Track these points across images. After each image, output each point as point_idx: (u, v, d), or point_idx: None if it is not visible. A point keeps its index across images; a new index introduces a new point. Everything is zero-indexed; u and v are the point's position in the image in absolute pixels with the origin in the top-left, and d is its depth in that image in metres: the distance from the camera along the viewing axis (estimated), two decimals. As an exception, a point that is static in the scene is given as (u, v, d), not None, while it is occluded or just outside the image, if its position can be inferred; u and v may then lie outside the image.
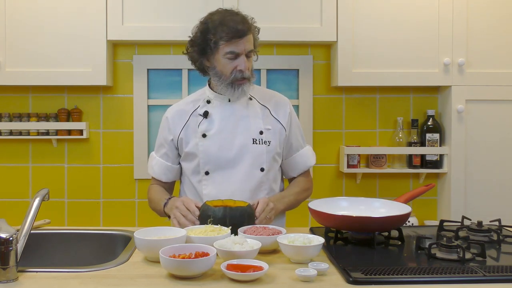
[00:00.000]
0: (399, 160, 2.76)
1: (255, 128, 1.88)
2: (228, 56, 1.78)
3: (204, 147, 1.86)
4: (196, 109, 1.91)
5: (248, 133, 1.87)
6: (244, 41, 1.77)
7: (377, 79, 2.60)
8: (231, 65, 1.79)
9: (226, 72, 1.80)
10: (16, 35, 2.52)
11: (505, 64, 2.62)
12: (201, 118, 1.88)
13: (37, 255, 1.71)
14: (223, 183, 1.85)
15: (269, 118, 1.92)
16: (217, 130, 1.86)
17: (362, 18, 2.59)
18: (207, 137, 1.86)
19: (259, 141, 1.87)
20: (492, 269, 1.30)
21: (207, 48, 1.81)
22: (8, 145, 2.76)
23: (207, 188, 1.86)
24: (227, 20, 1.77)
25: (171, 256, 1.27)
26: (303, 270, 1.24)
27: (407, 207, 1.63)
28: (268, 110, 1.94)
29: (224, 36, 1.75)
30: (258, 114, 1.91)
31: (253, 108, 1.91)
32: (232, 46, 1.77)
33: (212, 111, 1.88)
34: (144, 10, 2.54)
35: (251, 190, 1.86)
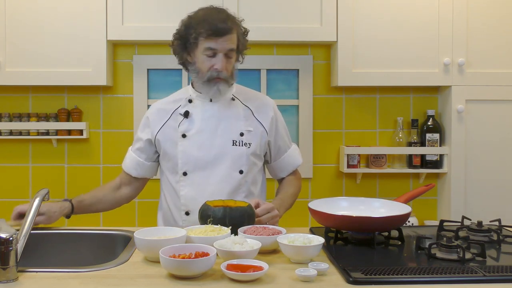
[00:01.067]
0: (399, 160, 2.76)
1: (236, 129, 1.86)
2: (207, 53, 1.76)
3: (183, 147, 1.84)
4: (177, 108, 1.89)
5: (228, 134, 1.85)
6: (224, 39, 1.74)
7: (377, 79, 2.60)
8: (209, 63, 1.77)
9: (203, 69, 1.79)
10: (16, 35, 2.52)
11: (505, 64, 2.62)
12: (182, 118, 1.87)
13: (37, 255, 1.71)
14: (201, 184, 1.83)
15: (251, 120, 1.90)
16: (197, 130, 1.84)
17: (362, 18, 2.59)
18: (186, 137, 1.84)
19: (239, 142, 1.85)
20: (492, 269, 1.30)
21: (188, 42, 1.79)
22: (8, 145, 2.76)
23: (185, 189, 1.85)
24: (210, 17, 1.75)
25: (171, 256, 1.27)
26: (303, 270, 1.24)
27: (407, 207, 1.63)
28: (250, 111, 1.91)
29: (204, 32, 1.73)
30: (240, 115, 1.89)
31: (235, 108, 1.89)
32: (211, 42, 1.74)
33: (193, 111, 1.87)
34: (144, 10, 2.54)
35: (229, 192, 1.84)
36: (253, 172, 1.90)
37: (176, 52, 1.86)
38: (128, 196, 2.03)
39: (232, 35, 1.77)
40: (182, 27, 1.82)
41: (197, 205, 1.77)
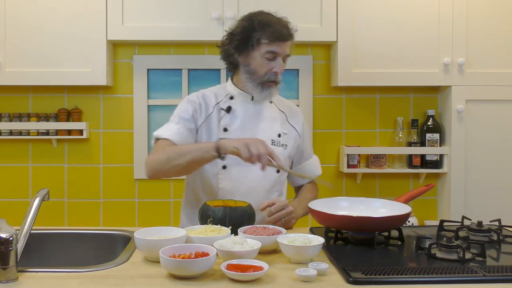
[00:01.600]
0: (399, 160, 2.76)
1: (275, 130, 1.92)
2: (267, 56, 1.81)
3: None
4: (218, 103, 1.91)
5: (268, 133, 1.89)
6: (286, 45, 1.82)
7: (377, 79, 2.60)
8: (268, 66, 1.82)
9: (260, 71, 1.83)
10: (16, 35, 2.52)
11: (505, 64, 2.62)
12: (223, 113, 1.89)
13: (37, 255, 1.71)
14: (239, 179, 1.86)
15: (285, 123, 1.97)
16: (239, 126, 1.88)
17: (362, 18, 2.59)
18: (228, 132, 1.87)
19: (277, 143, 1.91)
20: (492, 269, 1.30)
21: (247, 44, 1.82)
22: (8, 145, 2.76)
23: (223, 182, 1.86)
24: (274, 22, 1.81)
25: (171, 256, 1.27)
26: (303, 270, 1.24)
27: (407, 207, 1.63)
28: (285, 115, 1.98)
29: (270, 36, 1.78)
30: (277, 117, 1.95)
31: (272, 111, 1.95)
32: (274, 47, 1.80)
33: (235, 107, 1.90)
34: (144, 10, 2.54)
35: (266, 189, 1.88)
36: (285, 173, 1.95)
37: (229, 53, 1.88)
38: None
39: (291, 41, 1.85)
40: (241, 28, 1.84)
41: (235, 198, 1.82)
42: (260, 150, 1.58)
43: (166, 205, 2.79)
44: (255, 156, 1.58)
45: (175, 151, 1.73)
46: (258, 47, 1.81)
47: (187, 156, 1.69)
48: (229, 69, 1.95)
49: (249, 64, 1.84)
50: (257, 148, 1.58)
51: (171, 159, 1.71)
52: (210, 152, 1.66)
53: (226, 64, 1.93)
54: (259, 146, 1.59)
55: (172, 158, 1.71)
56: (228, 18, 2.50)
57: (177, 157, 1.70)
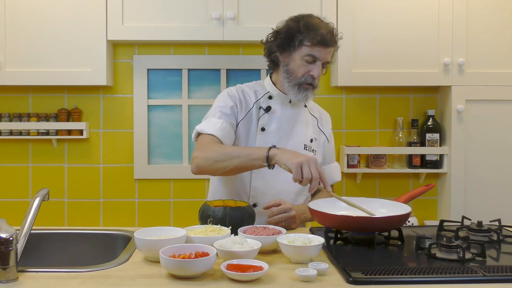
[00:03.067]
0: (399, 160, 2.76)
1: (307, 134, 1.93)
2: (307, 58, 1.80)
3: (261, 141, 1.86)
4: (258, 100, 1.91)
5: (302, 137, 1.90)
6: (327, 51, 1.82)
7: (377, 79, 2.60)
8: (306, 68, 1.81)
9: (298, 73, 1.82)
10: (16, 35, 2.52)
11: (505, 64, 2.62)
12: (262, 112, 1.89)
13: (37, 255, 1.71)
14: (271, 180, 1.86)
15: (316, 129, 1.99)
16: (276, 127, 1.88)
17: (362, 18, 2.59)
18: (265, 132, 1.87)
19: (309, 148, 1.92)
20: (492, 269, 1.30)
21: (289, 44, 1.82)
22: (8, 145, 2.76)
23: (256, 181, 1.86)
24: (319, 26, 1.81)
25: (171, 256, 1.27)
26: (303, 270, 1.24)
27: (407, 207, 1.63)
28: (316, 120, 2.00)
29: (312, 39, 1.78)
30: (310, 122, 1.97)
31: (306, 115, 1.97)
32: (315, 51, 1.79)
33: (274, 107, 1.90)
34: (144, 10, 2.54)
35: (296, 192, 1.89)
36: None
37: (272, 50, 1.88)
38: None
39: (333, 48, 1.84)
40: (286, 28, 1.85)
41: (265, 199, 1.83)
42: (311, 174, 1.56)
43: (166, 205, 2.79)
44: (306, 179, 1.56)
45: (224, 153, 1.71)
46: (300, 49, 1.80)
47: (235, 160, 1.68)
48: (270, 66, 1.95)
49: (289, 63, 1.84)
50: (309, 171, 1.56)
51: (219, 160, 1.70)
52: (259, 161, 1.65)
53: (268, 61, 1.93)
54: (311, 168, 1.56)
55: (221, 159, 1.70)
56: (228, 18, 2.50)
57: (225, 159, 1.69)
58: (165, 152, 2.78)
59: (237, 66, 2.77)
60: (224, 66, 2.76)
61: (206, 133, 1.80)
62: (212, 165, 1.71)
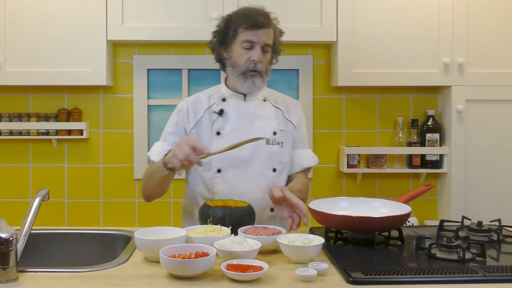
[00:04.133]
0: (399, 160, 2.76)
1: (269, 128, 1.90)
2: (245, 45, 1.80)
3: (217, 145, 1.84)
4: (211, 106, 1.91)
5: (262, 133, 1.87)
6: (262, 32, 1.80)
7: (377, 79, 2.60)
8: (246, 55, 1.81)
9: (240, 62, 1.82)
10: (16, 35, 2.52)
11: (505, 64, 2.62)
12: (216, 116, 1.89)
13: (37, 255, 1.71)
14: (235, 181, 1.85)
15: (282, 120, 1.95)
16: (232, 128, 1.87)
17: (362, 18, 2.59)
18: (221, 135, 1.86)
19: (272, 141, 1.89)
20: (492, 269, 1.30)
21: (226, 37, 1.84)
22: (8, 145, 2.76)
23: (219, 186, 1.85)
24: (250, 11, 1.82)
25: (171, 256, 1.27)
26: (303, 270, 1.24)
27: (407, 207, 1.63)
28: (281, 111, 1.96)
29: (243, 23, 1.79)
30: (272, 115, 1.93)
31: (267, 109, 1.94)
32: (249, 35, 1.79)
33: (227, 109, 1.89)
34: (144, 10, 2.54)
35: (263, 190, 1.86)
36: (285, 172, 1.93)
37: (214, 48, 1.91)
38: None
39: (270, 30, 1.83)
40: (221, 23, 1.88)
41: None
42: (184, 152, 1.55)
43: (166, 205, 2.79)
44: (184, 161, 1.56)
45: (145, 176, 1.83)
46: (236, 38, 1.82)
47: (152, 179, 1.77)
48: (221, 68, 1.95)
49: (231, 56, 1.85)
50: (182, 151, 1.56)
51: (146, 184, 1.83)
52: (162, 171, 1.67)
53: (216, 62, 1.94)
54: (183, 148, 1.56)
55: (146, 183, 1.83)
56: (228, 18, 2.49)
57: (148, 182, 1.81)
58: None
59: (237, 66, 2.77)
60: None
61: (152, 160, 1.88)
62: (146, 190, 1.84)
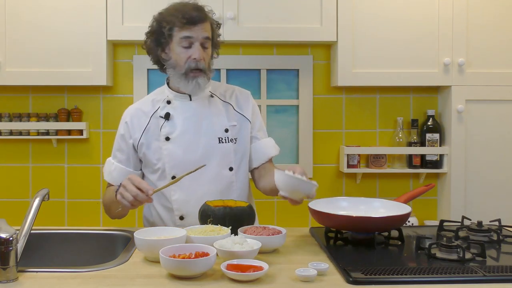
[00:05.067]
0: (399, 160, 2.76)
1: (220, 126, 1.82)
2: (183, 43, 1.72)
3: (168, 151, 1.79)
4: (156, 111, 1.83)
5: (213, 132, 1.81)
6: (199, 27, 1.72)
7: (377, 79, 2.60)
8: (186, 54, 1.74)
9: (180, 61, 1.74)
10: (16, 35, 2.52)
11: (505, 64, 2.62)
12: (163, 120, 1.81)
13: (37, 255, 1.71)
14: (191, 186, 1.78)
15: (233, 114, 1.86)
16: (180, 132, 1.79)
17: (362, 18, 2.59)
18: (170, 140, 1.79)
19: (225, 139, 1.81)
20: (492, 269, 1.30)
21: (162, 37, 1.76)
22: (8, 145, 2.76)
23: (176, 193, 1.79)
24: (182, 7, 1.74)
25: (171, 256, 1.27)
26: (303, 270, 1.24)
27: (407, 207, 1.63)
28: (231, 106, 1.87)
29: (178, 21, 1.71)
30: (222, 111, 1.84)
31: (215, 105, 1.85)
32: (185, 31, 1.71)
33: (174, 112, 1.81)
34: (144, 10, 2.54)
35: (221, 191, 1.81)
36: (243, 168, 1.87)
37: (150, 50, 1.82)
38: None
39: (206, 23, 1.75)
40: (154, 23, 1.79)
41: (191, 208, 1.77)
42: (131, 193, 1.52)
43: (166, 205, 2.79)
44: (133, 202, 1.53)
45: (104, 204, 1.85)
46: (172, 37, 1.74)
47: (111, 207, 1.79)
48: (160, 70, 1.87)
49: (170, 57, 1.77)
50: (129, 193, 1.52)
51: (108, 211, 1.84)
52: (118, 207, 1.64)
53: (154, 64, 1.86)
54: (129, 189, 1.52)
55: (108, 210, 1.84)
56: (228, 18, 2.50)
57: (108, 209, 1.84)
58: (165, 152, 2.78)
59: (237, 66, 2.77)
60: (224, 66, 2.76)
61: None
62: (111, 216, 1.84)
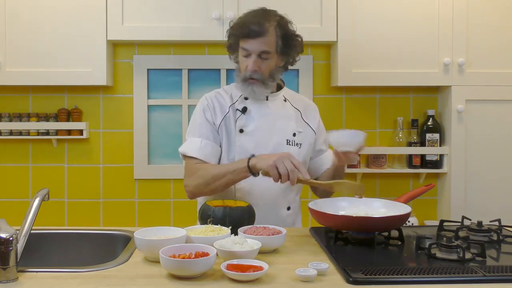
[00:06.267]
0: (399, 160, 2.76)
1: (290, 129, 1.92)
2: (243, 53, 1.85)
3: (240, 143, 1.87)
4: (234, 103, 1.93)
5: (283, 133, 1.90)
6: (256, 41, 1.81)
7: (377, 79, 2.60)
8: (245, 63, 1.85)
9: (241, 69, 1.88)
10: (16, 35, 2.52)
11: (505, 64, 2.62)
12: (239, 113, 1.90)
13: (37, 255, 1.71)
14: (256, 179, 1.82)
15: (300, 121, 1.97)
16: (255, 127, 1.89)
17: (362, 18, 2.59)
18: (244, 133, 1.88)
19: (292, 142, 1.91)
20: (492, 269, 1.30)
21: (232, 44, 1.91)
22: (8, 145, 2.76)
23: (241, 183, 1.85)
24: (246, 19, 1.84)
25: (171, 256, 1.27)
26: (303, 270, 1.24)
27: (407, 207, 1.63)
28: (300, 113, 1.98)
29: (239, 34, 1.84)
30: (292, 116, 1.96)
31: (287, 109, 1.96)
32: (245, 44, 1.83)
33: (250, 107, 1.91)
34: (144, 10, 2.54)
35: (282, 189, 1.88)
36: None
37: (229, 52, 1.96)
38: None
39: (265, 37, 1.81)
40: (228, 30, 1.92)
41: (252, 199, 1.83)
42: (287, 168, 1.60)
43: (166, 205, 2.79)
44: (284, 175, 1.60)
45: (211, 175, 1.79)
46: (237, 46, 1.87)
47: (222, 179, 1.77)
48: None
49: (237, 62, 1.92)
50: (284, 166, 1.60)
51: (209, 183, 1.79)
52: (242, 174, 1.73)
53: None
54: (286, 163, 1.60)
55: (210, 183, 1.79)
56: (228, 18, 2.49)
57: (213, 181, 1.78)
58: (165, 152, 2.78)
59: (237, 66, 2.77)
60: (224, 66, 2.76)
61: (189, 156, 1.86)
62: (204, 189, 1.82)
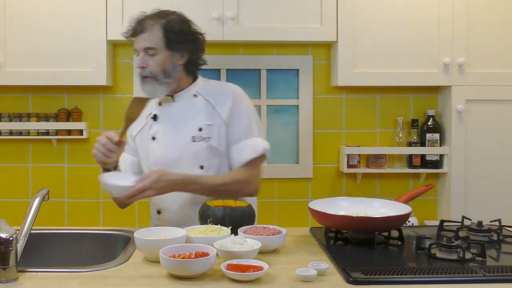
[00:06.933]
0: (399, 160, 2.76)
1: (194, 125, 1.86)
2: (135, 53, 1.86)
3: (152, 150, 1.89)
4: (149, 114, 1.93)
5: (188, 131, 1.86)
6: (139, 39, 1.83)
7: (377, 79, 2.60)
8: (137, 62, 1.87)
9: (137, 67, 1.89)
10: (16, 35, 2.52)
11: (505, 64, 2.62)
12: (152, 121, 1.92)
13: (37, 255, 1.71)
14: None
15: (211, 113, 1.87)
16: (163, 132, 1.89)
17: (362, 18, 2.59)
18: (155, 140, 1.89)
19: (198, 138, 1.85)
20: (492, 269, 1.30)
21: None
22: (8, 145, 2.76)
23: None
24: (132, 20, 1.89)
25: (171, 256, 1.27)
26: (303, 270, 1.24)
27: (407, 207, 1.63)
28: (211, 104, 1.88)
29: (126, 34, 1.88)
30: (201, 110, 1.87)
31: (196, 105, 1.89)
32: (133, 43, 1.86)
33: (160, 113, 1.91)
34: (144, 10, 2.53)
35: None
36: (215, 168, 1.86)
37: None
38: None
39: (147, 34, 1.83)
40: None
41: (165, 204, 1.87)
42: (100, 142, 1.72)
43: (166, 205, 2.79)
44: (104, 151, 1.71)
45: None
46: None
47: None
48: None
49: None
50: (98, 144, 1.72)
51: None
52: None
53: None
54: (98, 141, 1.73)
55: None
56: (228, 18, 2.50)
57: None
58: (165, 152, 2.78)
59: (237, 66, 2.77)
60: (224, 66, 2.76)
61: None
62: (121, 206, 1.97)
